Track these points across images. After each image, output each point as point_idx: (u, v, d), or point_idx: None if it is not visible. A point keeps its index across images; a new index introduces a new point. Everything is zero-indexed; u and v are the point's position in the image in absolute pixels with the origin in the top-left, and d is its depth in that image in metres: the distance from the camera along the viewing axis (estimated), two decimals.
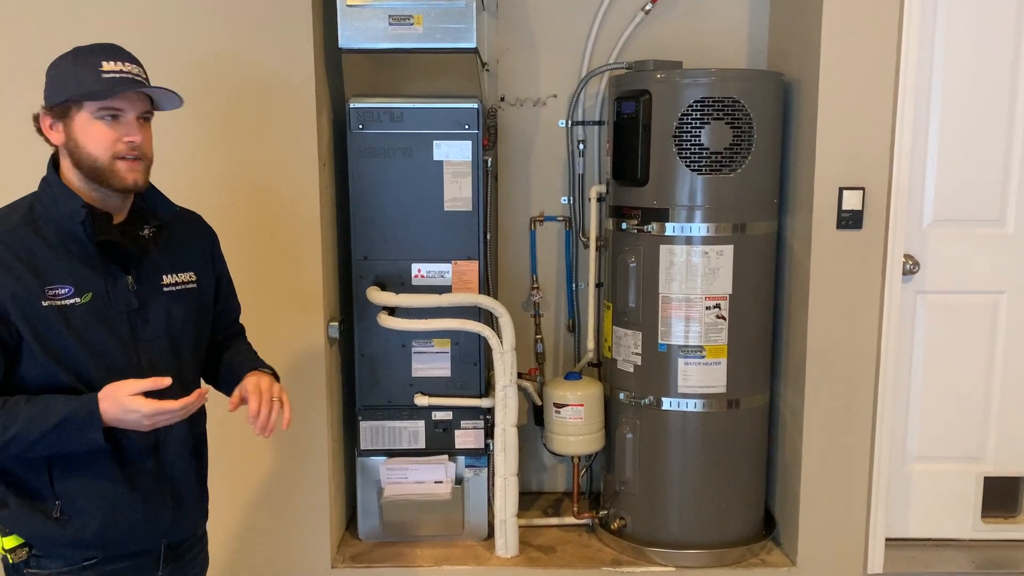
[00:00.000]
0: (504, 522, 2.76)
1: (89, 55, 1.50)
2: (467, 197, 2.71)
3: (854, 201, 2.60)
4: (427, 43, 2.54)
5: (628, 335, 2.78)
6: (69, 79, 1.49)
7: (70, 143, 1.51)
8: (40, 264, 1.46)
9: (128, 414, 1.43)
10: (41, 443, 1.42)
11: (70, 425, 1.42)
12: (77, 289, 1.48)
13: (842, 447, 2.73)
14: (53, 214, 1.51)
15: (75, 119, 1.49)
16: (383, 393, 2.80)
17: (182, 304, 1.65)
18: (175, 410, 1.45)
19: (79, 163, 1.50)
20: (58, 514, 1.50)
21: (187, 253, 1.70)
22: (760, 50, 3.08)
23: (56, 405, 1.43)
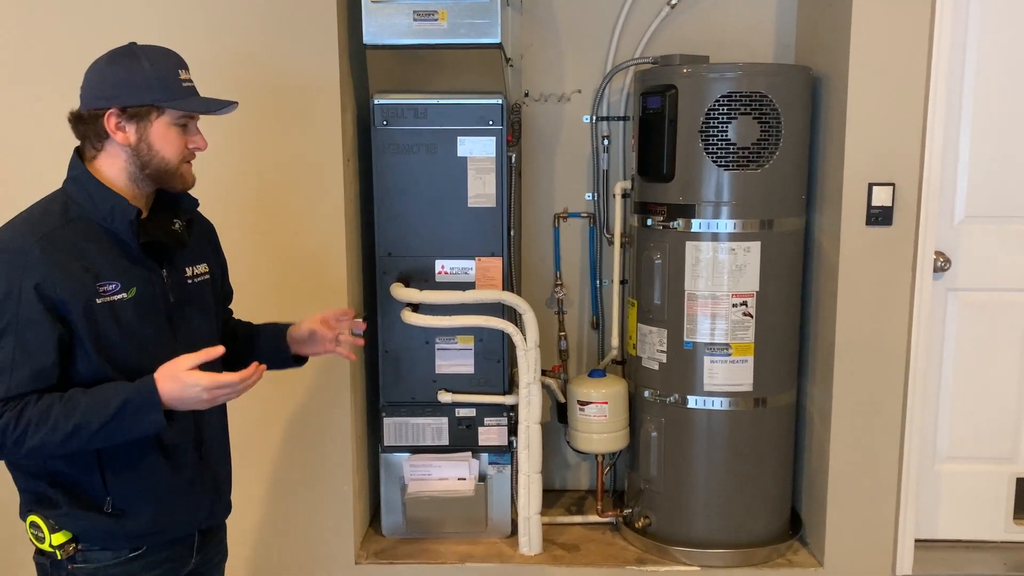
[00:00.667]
0: (528, 519, 2.75)
1: (166, 62, 1.54)
2: (491, 193, 2.70)
3: (884, 197, 2.56)
4: (451, 39, 2.53)
5: (653, 332, 2.75)
6: (152, 84, 1.51)
7: (142, 145, 1.52)
8: (89, 261, 1.47)
9: (188, 389, 1.43)
10: (103, 432, 1.42)
11: (130, 409, 1.42)
12: (123, 285, 1.50)
13: (870, 446, 2.69)
14: (91, 212, 1.51)
15: (153, 123, 1.51)
16: (407, 389, 2.80)
17: (204, 295, 1.68)
18: (235, 383, 1.44)
19: (146, 164, 1.53)
20: (110, 509, 1.53)
21: (199, 246, 1.73)
22: (787, 44, 3.04)
23: (114, 391, 1.43)
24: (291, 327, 1.86)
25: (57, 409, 1.41)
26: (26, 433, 1.39)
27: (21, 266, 1.42)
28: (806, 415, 2.86)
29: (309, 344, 1.86)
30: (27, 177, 1.63)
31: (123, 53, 1.54)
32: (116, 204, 1.51)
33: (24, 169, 2.52)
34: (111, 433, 1.43)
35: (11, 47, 2.53)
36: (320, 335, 1.84)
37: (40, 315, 1.41)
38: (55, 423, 1.40)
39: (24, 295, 1.41)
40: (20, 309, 1.41)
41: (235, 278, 2.58)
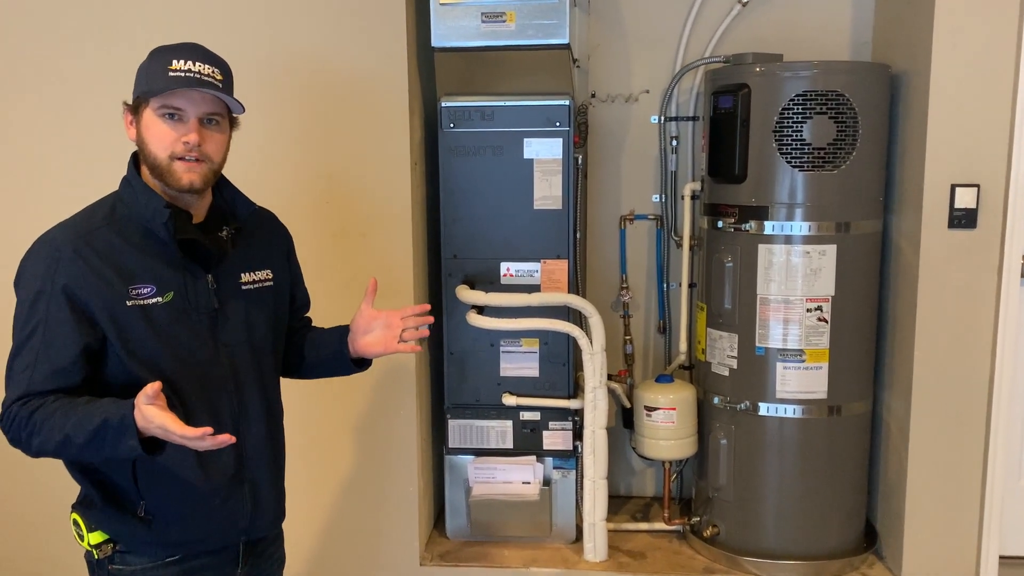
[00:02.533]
0: (593, 525, 2.72)
1: (165, 53, 1.50)
2: (557, 195, 2.67)
3: (968, 199, 2.46)
4: (519, 40, 2.51)
5: (723, 337, 2.69)
6: (142, 76, 1.51)
7: (139, 139, 1.51)
8: (123, 263, 1.46)
9: (146, 422, 1.33)
10: (88, 448, 1.38)
11: (109, 430, 1.36)
12: (159, 288, 1.48)
13: (952, 459, 2.58)
14: (135, 213, 1.51)
15: (143, 116, 1.50)
16: (471, 392, 2.79)
17: (260, 302, 1.65)
18: (177, 434, 1.31)
19: (145, 159, 1.51)
20: (143, 513, 1.51)
21: (264, 251, 1.69)
22: (864, 42, 2.94)
23: (99, 407, 1.39)
24: (352, 321, 1.79)
25: (57, 416, 1.39)
26: (32, 434, 1.40)
27: (54, 266, 1.43)
28: (882, 424, 2.76)
29: (371, 337, 1.75)
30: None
31: None
32: (154, 205, 1.49)
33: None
34: (96, 449, 1.39)
35: (87, 51, 2.60)
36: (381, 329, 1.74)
37: (66, 315, 1.42)
38: (52, 429, 1.39)
39: (53, 297, 1.42)
40: (48, 310, 1.42)
41: (308, 278, 2.61)
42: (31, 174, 2.66)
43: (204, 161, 1.50)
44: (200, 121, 1.50)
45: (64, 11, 2.57)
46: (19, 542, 2.83)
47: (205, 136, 1.50)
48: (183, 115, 1.48)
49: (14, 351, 1.45)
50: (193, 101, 1.49)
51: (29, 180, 2.66)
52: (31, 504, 2.78)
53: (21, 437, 1.42)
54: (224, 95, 1.51)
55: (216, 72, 1.52)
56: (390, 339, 1.74)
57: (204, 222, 1.58)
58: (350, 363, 1.78)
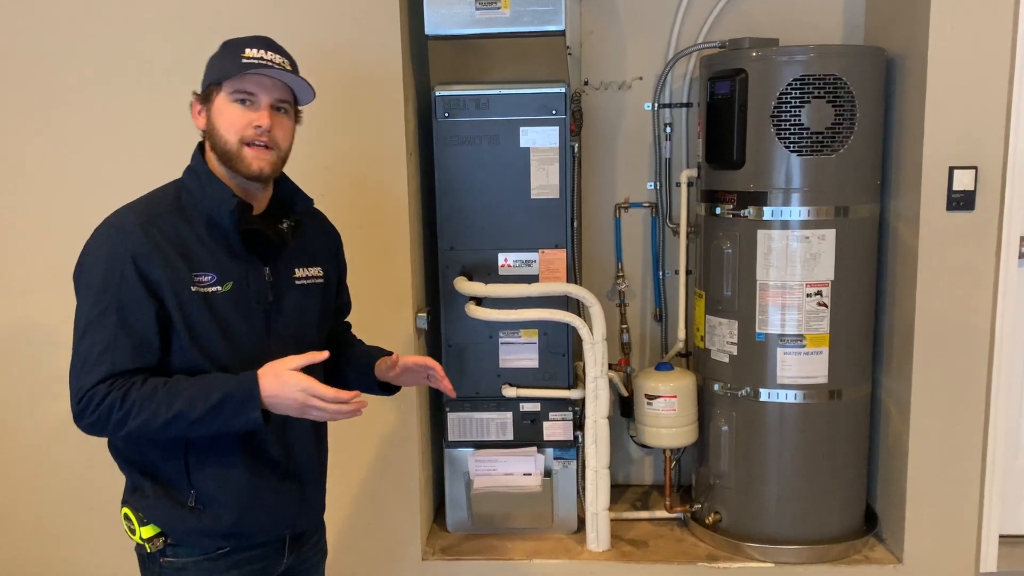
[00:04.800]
0: (595, 515, 2.71)
1: (237, 44, 1.52)
2: (554, 184, 2.65)
3: (966, 181, 2.46)
4: (514, 27, 2.48)
5: (723, 324, 2.68)
6: (215, 66, 1.53)
7: (209, 126, 1.52)
8: (187, 249, 1.47)
9: (286, 389, 1.41)
10: (202, 422, 1.42)
11: (231, 403, 1.41)
12: (220, 277, 1.49)
13: (952, 440, 2.59)
14: (200, 202, 1.52)
15: (215, 102, 1.51)
16: (471, 384, 2.76)
17: (310, 298, 1.65)
18: (329, 397, 1.42)
19: (215, 146, 1.51)
20: (193, 503, 1.52)
21: (316, 248, 1.70)
22: (857, 25, 2.94)
23: (217, 383, 1.43)
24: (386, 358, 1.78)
25: (161, 394, 1.41)
26: (129, 414, 1.40)
27: (123, 245, 1.43)
28: (882, 408, 2.77)
29: (394, 374, 1.77)
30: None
31: None
32: (221, 194, 1.50)
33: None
34: (209, 424, 1.42)
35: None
36: (407, 374, 1.76)
37: (140, 292, 1.43)
38: (157, 408, 1.40)
39: (126, 273, 1.42)
40: (122, 287, 1.42)
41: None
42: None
43: (273, 148, 1.52)
44: (270, 107, 1.51)
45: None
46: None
47: (275, 122, 1.52)
48: (255, 100, 1.50)
49: (81, 334, 1.43)
50: (265, 87, 1.50)
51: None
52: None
53: (111, 420, 1.40)
54: (298, 78, 1.54)
55: (286, 63, 1.54)
56: (419, 379, 1.77)
57: (263, 214, 1.59)
58: (376, 387, 1.78)
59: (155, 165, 1.77)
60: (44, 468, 2.74)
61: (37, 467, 2.74)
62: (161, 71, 2.52)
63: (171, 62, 2.50)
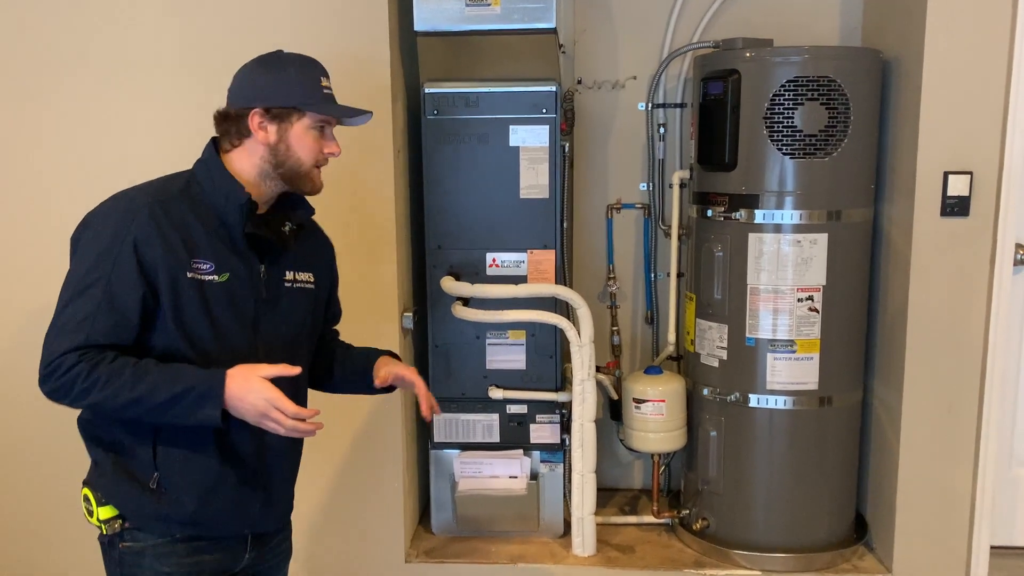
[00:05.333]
0: (581, 520, 2.68)
1: (311, 69, 1.60)
2: (544, 184, 2.62)
3: (961, 186, 2.43)
4: (505, 24, 2.45)
5: (713, 328, 2.65)
6: (295, 88, 1.56)
7: (280, 145, 1.56)
8: (191, 236, 1.50)
9: (251, 395, 1.42)
10: (161, 408, 1.42)
11: (192, 396, 1.42)
12: (217, 267, 1.51)
13: (943, 448, 2.56)
14: (210, 194, 1.55)
15: (294, 125, 1.55)
16: (457, 385, 2.73)
17: (300, 302, 1.67)
18: (288, 411, 1.43)
19: (281, 164, 1.56)
20: (155, 485, 1.52)
21: (311, 256, 1.72)
22: (853, 27, 2.90)
23: (184, 373, 1.44)
24: (383, 360, 1.82)
25: (127, 373, 1.41)
26: (93, 387, 1.40)
27: (128, 223, 1.46)
28: (873, 415, 2.74)
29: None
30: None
31: (272, 59, 1.60)
32: (232, 189, 1.54)
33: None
34: (167, 412, 1.43)
35: None
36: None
37: (132, 271, 1.44)
38: (121, 386, 1.41)
39: (123, 250, 1.44)
40: (116, 263, 1.44)
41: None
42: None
43: None
44: None
45: None
46: None
47: None
48: (328, 128, 1.61)
49: (66, 300, 1.45)
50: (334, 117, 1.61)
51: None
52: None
53: (73, 389, 1.41)
54: (369, 115, 1.65)
55: None
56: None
57: (265, 215, 1.63)
58: (373, 388, 1.81)
59: (159, 159, 1.79)
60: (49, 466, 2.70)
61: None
62: (137, 65, 2.49)
63: (138, 55, 2.47)
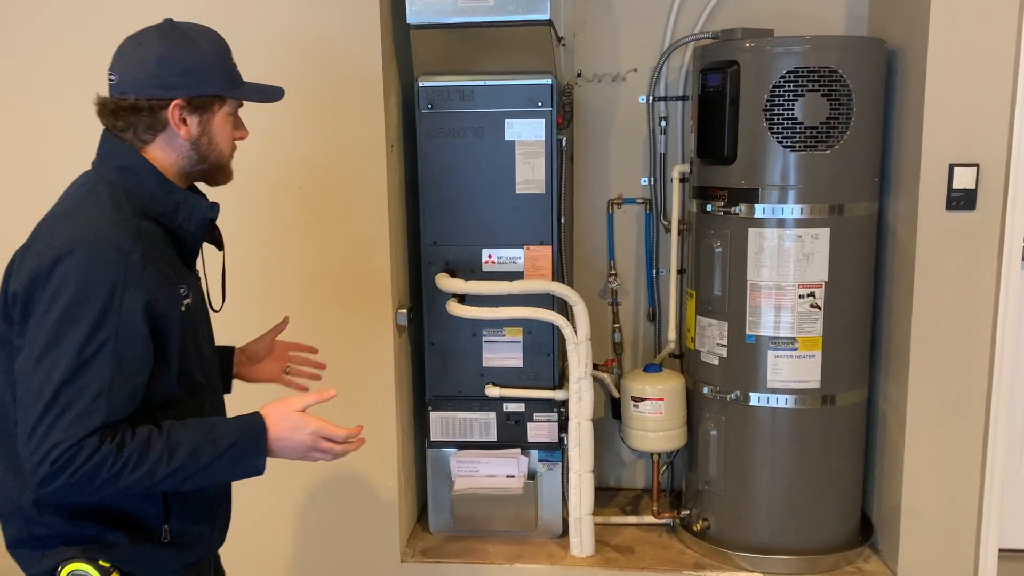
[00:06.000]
0: (579, 520, 2.63)
1: (222, 45, 1.41)
2: (540, 179, 2.57)
3: (967, 179, 2.36)
4: (499, 16, 2.42)
5: (713, 325, 2.60)
6: (215, 72, 1.37)
7: (203, 139, 1.38)
8: (168, 263, 1.33)
9: (297, 433, 1.29)
10: (204, 472, 1.26)
11: (237, 450, 1.27)
12: (187, 288, 1.36)
13: (950, 448, 2.49)
14: (150, 208, 1.33)
15: (217, 115, 1.39)
16: (453, 383, 2.70)
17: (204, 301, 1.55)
18: (339, 437, 1.33)
19: (204, 158, 1.39)
20: (168, 538, 1.38)
21: None
22: (859, 17, 2.83)
23: (219, 428, 1.29)
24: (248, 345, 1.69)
25: (160, 445, 1.24)
26: (123, 470, 1.20)
27: (123, 274, 1.23)
28: (878, 414, 2.68)
29: (259, 366, 1.68)
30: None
31: (178, 35, 1.35)
32: (191, 201, 1.37)
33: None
34: (210, 475, 1.28)
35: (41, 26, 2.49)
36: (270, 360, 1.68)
37: (139, 328, 1.25)
38: (156, 461, 1.23)
39: (126, 306, 1.23)
40: (121, 322, 1.22)
41: (277, 270, 2.52)
42: None
43: None
44: None
45: None
46: None
47: None
48: (238, 111, 1.46)
49: (64, 376, 1.19)
50: None
51: None
52: None
53: (97, 478, 1.19)
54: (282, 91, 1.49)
55: None
56: (277, 371, 1.69)
57: None
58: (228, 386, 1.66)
59: None
60: None
61: None
62: None
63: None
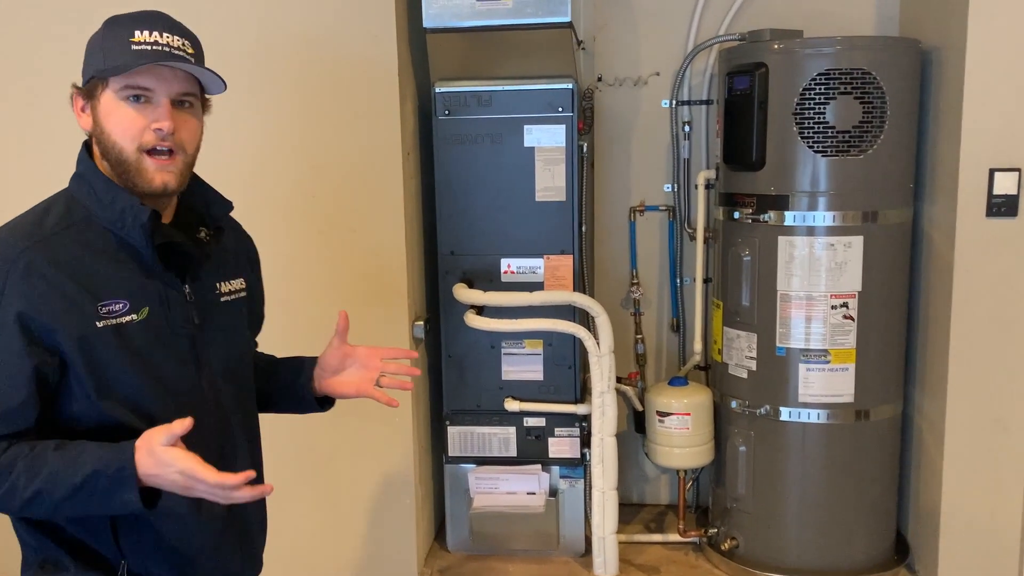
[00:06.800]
0: (602, 539, 2.54)
1: (124, 24, 1.25)
2: (560, 186, 2.49)
3: (1008, 184, 2.26)
4: (517, 19, 2.35)
5: (741, 337, 2.50)
6: (97, 52, 1.25)
7: (97, 130, 1.26)
8: (90, 276, 1.22)
9: (162, 468, 1.15)
10: (68, 502, 1.17)
11: (101, 482, 1.15)
12: (132, 304, 1.24)
13: (992, 465, 2.39)
14: (99, 215, 1.26)
15: (101, 100, 1.24)
16: (471, 397, 2.62)
17: (238, 317, 1.43)
18: (209, 481, 1.14)
19: (106, 154, 1.26)
20: (125, 574, 1.28)
21: (235, 257, 1.47)
22: (890, 16, 2.74)
23: (84, 455, 1.17)
24: (321, 356, 1.54)
25: (20, 467, 1.16)
26: None
27: (2, 284, 1.18)
28: (914, 429, 2.57)
29: (344, 377, 1.52)
30: None
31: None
32: (127, 204, 1.24)
33: None
34: (77, 505, 1.18)
35: None
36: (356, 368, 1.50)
37: (18, 346, 1.17)
38: (14, 484, 1.16)
39: (4, 322, 1.17)
40: None
41: (290, 280, 2.46)
42: None
43: (178, 153, 1.27)
44: (172, 103, 1.26)
45: None
46: None
47: (179, 121, 1.26)
48: (152, 96, 1.24)
49: None
50: (164, 79, 1.24)
51: None
52: None
53: None
54: (204, 69, 1.27)
55: (187, 45, 1.27)
56: (366, 382, 1.49)
57: (173, 223, 1.35)
58: (313, 401, 1.54)
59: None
60: None
61: None
62: None
63: None
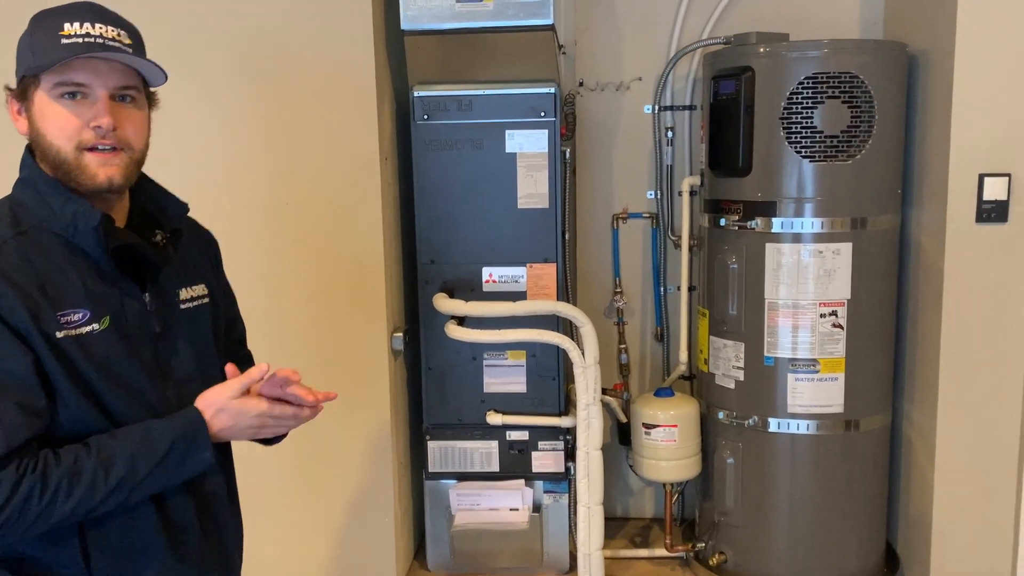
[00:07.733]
0: (588, 556, 2.46)
1: (52, 18, 1.19)
2: (543, 193, 2.43)
3: (998, 190, 2.23)
4: (498, 21, 2.28)
5: (728, 346, 2.45)
6: (26, 50, 1.20)
7: (33, 132, 1.21)
8: (46, 285, 1.16)
9: (238, 418, 1.23)
10: (148, 482, 1.18)
11: (179, 450, 1.19)
12: (93, 314, 1.18)
13: (982, 475, 2.35)
14: (48, 221, 1.20)
15: (35, 100, 1.19)
16: (452, 410, 2.55)
17: (202, 324, 1.36)
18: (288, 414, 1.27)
19: (45, 156, 1.20)
20: None
21: (196, 261, 1.39)
22: (874, 20, 2.71)
23: (153, 431, 1.19)
24: None
25: (90, 463, 1.13)
26: (56, 499, 1.10)
27: None
28: (904, 440, 2.53)
29: None
30: None
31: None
32: (77, 209, 1.18)
33: None
34: (156, 483, 1.20)
35: None
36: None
37: (10, 341, 1.11)
38: (92, 480, 1.13)
39: None
40: None
41: (266, 289, 2.37)
42: None
43: (122, 149, 1.20)
44: (112, 98, 1.20)
45: None
46: None
47: (120, 116, 1.20)
48: (88, 92, 1.18)
49: None
50: (100, 73, 1.18)
51: None
52: None
53: (28, 514, 1.09)
54: (141, 60, 1.21)
55: (123, 35, 1.21)
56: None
57: (127, 227, 1.28)
58: None
59: None
60: None
61: None
62: None
63: None
